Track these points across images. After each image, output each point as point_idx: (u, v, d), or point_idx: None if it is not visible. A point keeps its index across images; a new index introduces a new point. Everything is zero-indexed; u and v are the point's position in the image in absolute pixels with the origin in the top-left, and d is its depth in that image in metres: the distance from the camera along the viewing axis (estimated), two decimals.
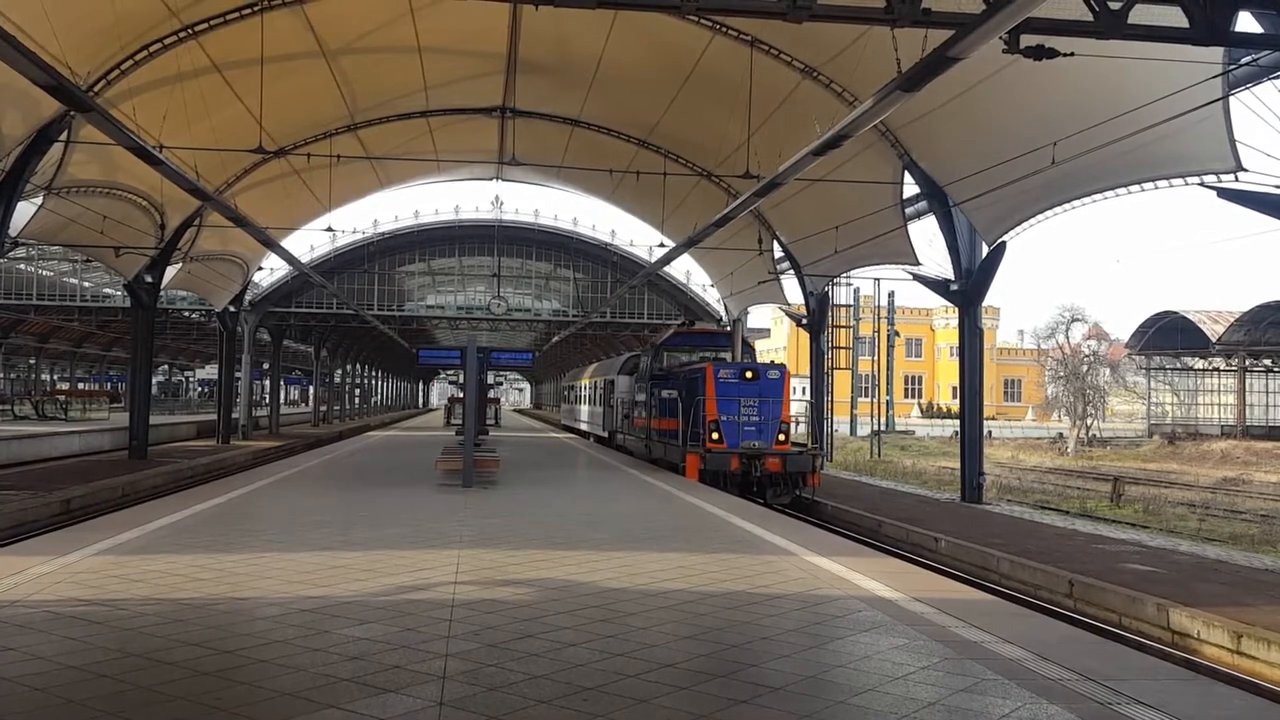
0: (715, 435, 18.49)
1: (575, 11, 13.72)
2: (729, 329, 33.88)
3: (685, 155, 26.21)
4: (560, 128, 26.79)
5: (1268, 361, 56.94)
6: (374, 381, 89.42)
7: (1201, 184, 13.66)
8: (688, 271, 42.54)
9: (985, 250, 18.96)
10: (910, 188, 20.27)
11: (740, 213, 17.69)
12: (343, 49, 20.77)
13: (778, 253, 28.15)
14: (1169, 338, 56.97)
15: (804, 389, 31.08)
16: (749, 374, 19.17)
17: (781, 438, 18.89)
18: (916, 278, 21.61)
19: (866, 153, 19.31)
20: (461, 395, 22.85)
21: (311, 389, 62.85)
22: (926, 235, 20.73)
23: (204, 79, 18.98)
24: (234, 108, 20.03)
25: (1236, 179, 13.05)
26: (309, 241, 75.58)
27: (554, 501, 14.08)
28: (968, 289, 19.30)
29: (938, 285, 20.49)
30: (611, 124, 26.16)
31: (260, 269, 38.74)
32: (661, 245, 34.65)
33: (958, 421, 23.19)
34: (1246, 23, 10.56)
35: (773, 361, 33.69)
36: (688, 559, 9.22)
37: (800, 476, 18.43)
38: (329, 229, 34.18)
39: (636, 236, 58.38)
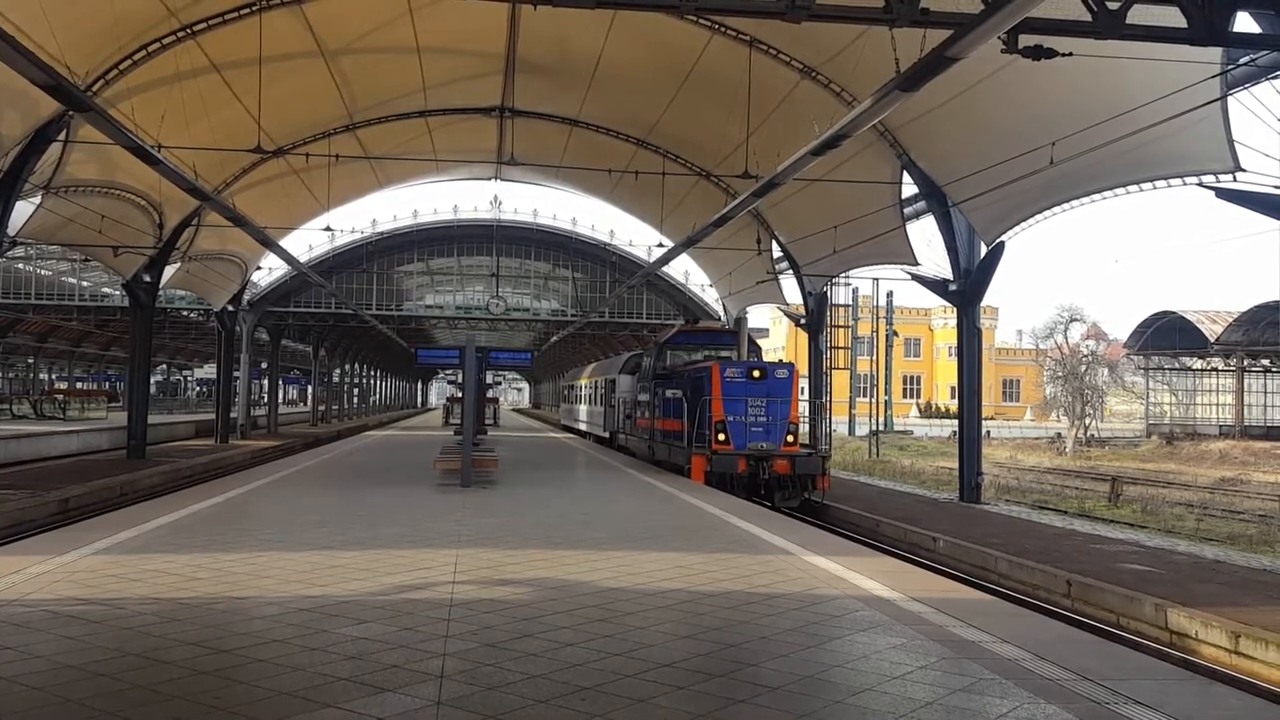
0: (722, 436, 18.03)
1: (574, 11, 13.75)
2: (733, 327, 33.85)
3: (684, 155, 26.22)
4: (559, 127, 26.79)
5: (1266, 361, 56.91)
6: (372, 381, 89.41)
7: (1200, 184, 13.67)
8: (686, 271, 42.57)
9: (984, 250, 18.96)
10: (909, 187, 20.26)
11: (739, 212, 17.68)
12: (341, 49, 20.76)
13: (776, 253, 28.16)
14: (1167, 338, 57.02)
15: (803, 389, 31.05)
16: (756, 373, 18.68)
17: (790, 439, 18.37)
18: (915, 278, 21.58)
19: (865, 152, 19.31)
20: (460, 395, 22.85)
21: (310, 388, 62.83)
22: (925, 235, 20.73)
23: (202, 79, 18.98)
24: (232, 107, 20.03)
25: (1235, 179, 13.06)
26: (308, 241, 75.66)
27: (553, 501, 14.06)
28: (966, 289, 19.30)
29: (936, 285, 20.49)
30: (610, 124, 26.17)
31: (259, 268, 38.78)
32: (660, 245, 34.72)
33: (956, 421, 23.19)
34: (1245, 23, 10.58)
35: (781, 360, 33.48)
36: (686, 559, 9.21)
37: (809, 479, 17.95)
38: (327, 229, 34.31)
39: (635, 236, 58.56)
